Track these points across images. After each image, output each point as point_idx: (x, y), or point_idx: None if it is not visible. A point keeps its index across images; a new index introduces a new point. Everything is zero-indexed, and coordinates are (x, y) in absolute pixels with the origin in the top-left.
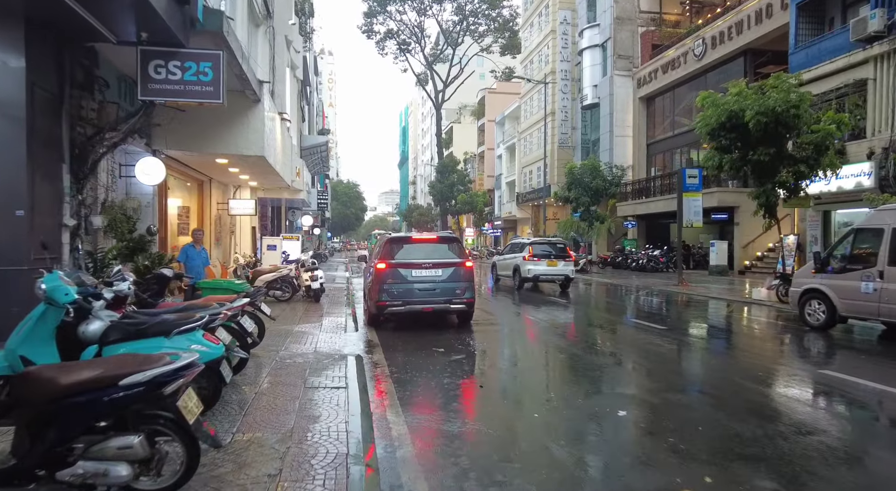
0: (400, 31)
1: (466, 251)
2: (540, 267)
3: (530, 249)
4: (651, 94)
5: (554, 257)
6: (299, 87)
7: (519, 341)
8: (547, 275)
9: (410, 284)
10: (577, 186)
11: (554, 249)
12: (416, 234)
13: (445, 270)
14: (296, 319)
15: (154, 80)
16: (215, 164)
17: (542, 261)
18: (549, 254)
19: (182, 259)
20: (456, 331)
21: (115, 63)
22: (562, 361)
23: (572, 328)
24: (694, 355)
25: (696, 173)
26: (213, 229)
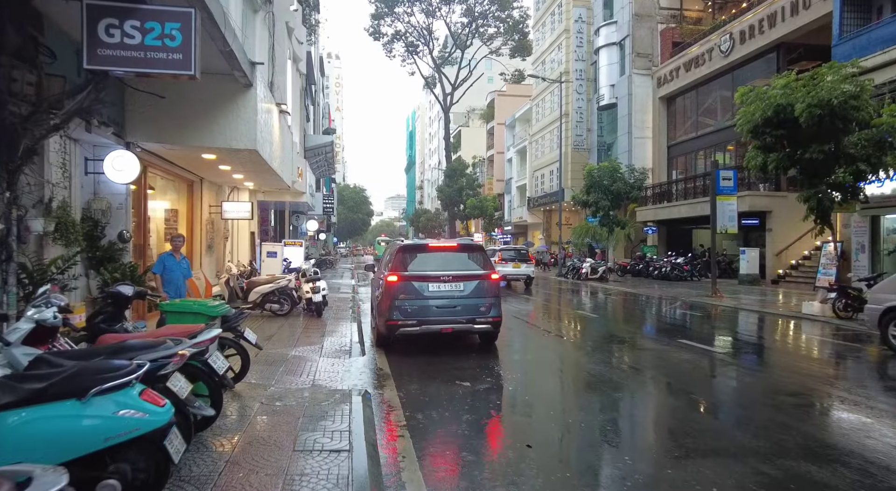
0: (408, 33)
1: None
2: (507, 269)
3: (499, 254)
4: (672, 93)
5: (518, 260)
6: (303, 84)
7: (557, 370)
8: (512, 275)
9: (427, 301)
10: (597, 189)
11: (518, 255)
12: (433, 242)
13: (468, 283)
14: (293, 339)
15: (105, 45)
16: (203, 160)
17: (509, 263)
18: (514, 258)
19: (158, 271)
20: (479, 354)
21: (70, 31)
22: (619, 401)
23: (614, 351)
24: (781, 394)
25: (731, 175)
26: (204, 235)
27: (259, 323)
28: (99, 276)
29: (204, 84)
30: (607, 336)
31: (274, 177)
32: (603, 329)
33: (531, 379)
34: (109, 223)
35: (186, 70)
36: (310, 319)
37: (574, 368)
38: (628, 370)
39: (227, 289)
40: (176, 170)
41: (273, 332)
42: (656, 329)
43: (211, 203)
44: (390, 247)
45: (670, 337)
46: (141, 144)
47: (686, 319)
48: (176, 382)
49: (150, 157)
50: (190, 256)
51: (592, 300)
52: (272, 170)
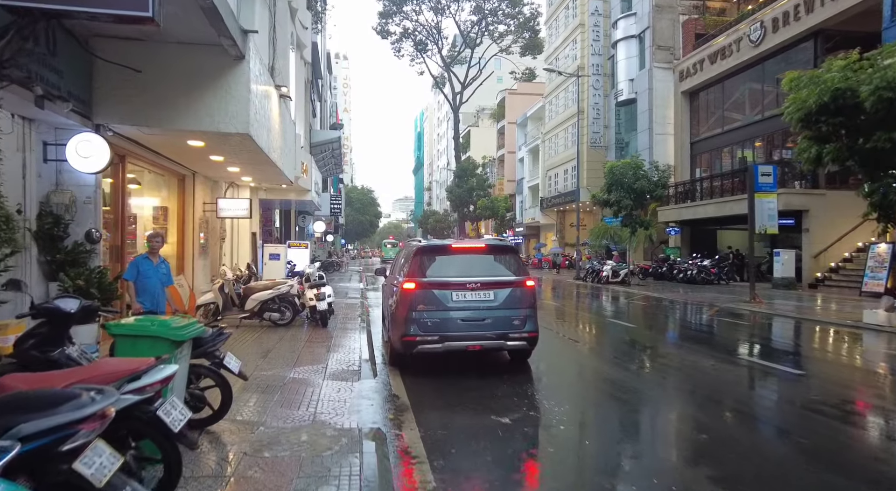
0: (416, 31)
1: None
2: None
3: None
4: (695, 87)
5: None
6: (308, 76)
7: (612, 400)
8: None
9: (450, 312)
10: (618, 188)
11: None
12: (456, 242)
13: (499, 291)
14: (293, 356)
15: None
16: (190, 149)
17: None
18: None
19: (130, 277)
20: (511, 375)
21: None
22: (706, 445)
23: (672, 374)
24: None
25: (770, 171)
26: (197, 235)
27: (256, 335)
28: (59, 283)
29: (187, 56)
30: (657, 354)
31: (274, 171)
32: (648, 343)
33: (583, 413)
34: (74, 220)
35: (142, 10)
36: (314, 329)
37: (632, 396)
38: (705, 401)
39: (220, 296)
40: (162, 161)
41: (271, 346)
42: (709, 344)
43: (205, 200)
44: (405, 248)
45: (730, 353)
46: (113, 127)
47: (736, 331)
48: (92, 460)
49: (128, 145)
50: (181, 259)
51: (621, 307)
52: (271, 162)
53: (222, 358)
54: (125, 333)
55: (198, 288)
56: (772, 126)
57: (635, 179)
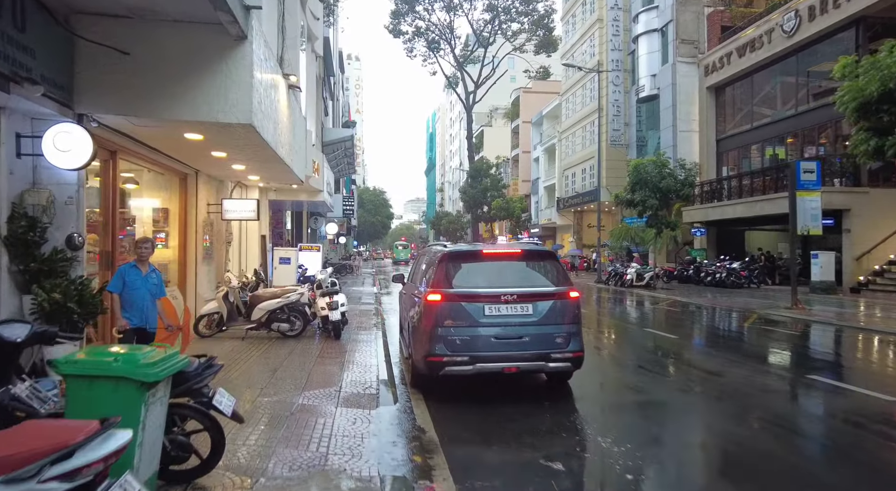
0: (429, 30)
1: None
2: None
3: None
4: (721, 82)
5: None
6: (319, 72)
7: (675, 435)
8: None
9: (483, 329)
10: (643, 187)
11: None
12: (487, 247)
13: (539, 304)
14: (302, 375)
15: None
16: (188, 143)
17: None
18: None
19: (115, 289)
20: (551, 401)
21: None
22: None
23: (735, 394)
24: None
25: (814, 167)
26: (200, 239)
27: (263, 348)
28: (31, 297)
29: (182, 36)
30: (712, 372)
31: (282, 169)
32: (697, 359)
33: (648, 455)
34: (53, 223)
35: None
36: (326, 341)
37: (700, 429)
38: (790, 434)
39: (225, 305)
40: (160, 158)
41: (278, 362)
42: (764, 359)
43: (209, 201)
44: (427, 254)
45: (791, 371)
46: (98, 118)
47: (787, 342)
48: None
49: (118, 139)
50: (183, 265)
51: (653, 314)
52: (278, 158)
53: (211, 396)
54: (77, 373)
55: (201, 296)
56: (807, 121)
57: (660, 178)
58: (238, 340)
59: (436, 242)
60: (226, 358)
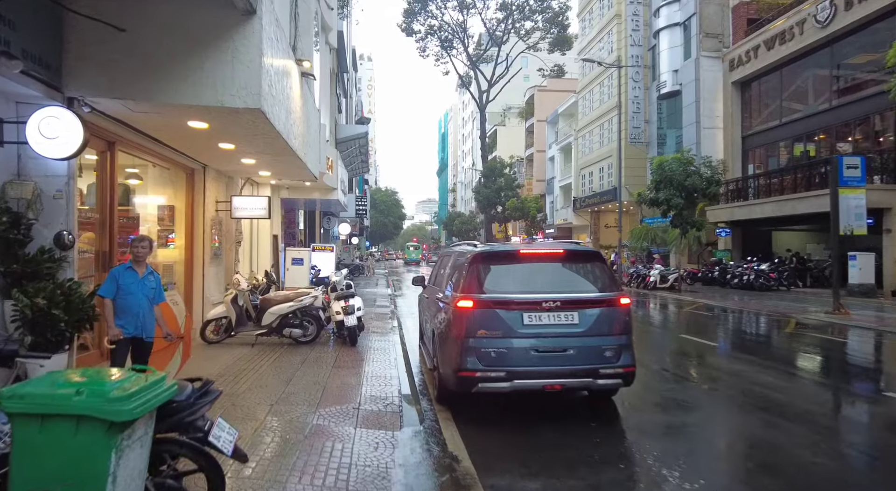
0: (441, 28)
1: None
2: None
3: None
4: (747, 77)
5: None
6: (333, 66)
7: (756, 468)
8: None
9: (521, 340)
10: (668, 185)
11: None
12: (525, 247)
13: (585, 312)
14: (317, 389)
15: None
16: (192, 133)
17: None
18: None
19: (107, 293)
20: (599, 420)
21: None
22: None
23: (817, 416)
24: None
25: (858, 163)
26: (208, 239)
27: (275, 356)
28: (13, 302)
29: (183, 10)
30: (764, 383)
31: (295, 163)
32: (743, 368)
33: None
34: (39, 220)
35: None
36: (341, 348)
37: (784, 460)
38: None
39: (234, 309)
40: (164, 151)
41: (291, 373)
42: (823, 370)
43: (218, 198)
44: (454, 255)
45: (865, 388)
46: (91, 102)
47: (843, 351)
48: None
49: (116, 128)
50: (189, 266)
51: (685, 319)
52: (290, 151)
53: (208, 430)
54: (25, 411)
55: (209, 299)
56: (842, 116)
57: (686, 176)
58: (247, 347)
59: (460, 242)
60: (234, 367)
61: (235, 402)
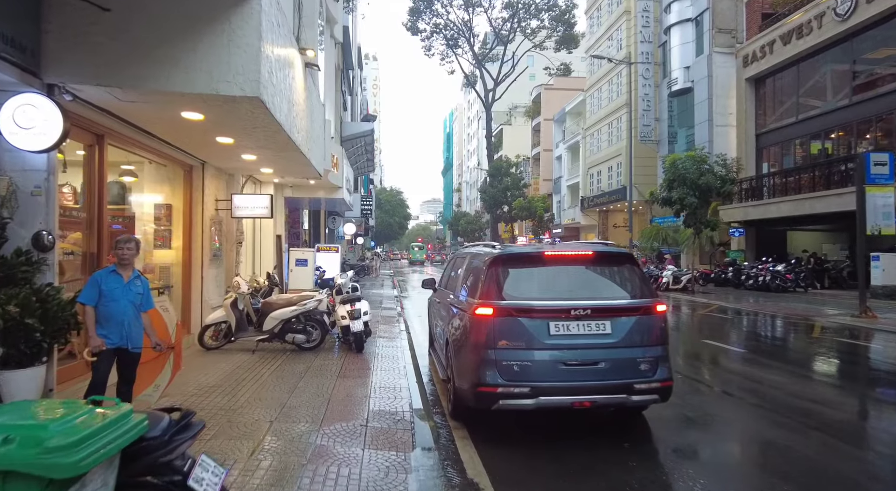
0: (447, 26)
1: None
2: None
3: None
4: (762, 73)
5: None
6: (338, 61)
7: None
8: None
9: (548, 352)
10: (681, 184)
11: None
12: (550, 249)
13: (618, 320)
14: (320, 403)
15: None
16: (186, 125)
17: None
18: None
19: (88, 299)
20: (635, 442)
21: None
22: None
23: (863, 437)
24: None
25: (886, 159)
26: (207, 239)
27: (277, 364)
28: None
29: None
30: (804, 395)
31: (298, 159)
32: (778, 378)
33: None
34: (14, 218)
35: None
36: (347, 355)
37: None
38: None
39: (234, 313)
40: (158, 146)
41: (293, 383)
42: (867, 380)
43: (218, 196)
44: (469, 256)
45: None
46: (72, 89)
47: (884, 359)
48: None
49: (104, 119)
50: (187, 268)
51: (704, 322)
52: (293, 145)
53: (188, 471)
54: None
55: (208, 303)
56: (862, 112)
57: (699, 174)
58: (248, 354)
59: (476, 243)
60: (232, 376)
61: (232, 418)
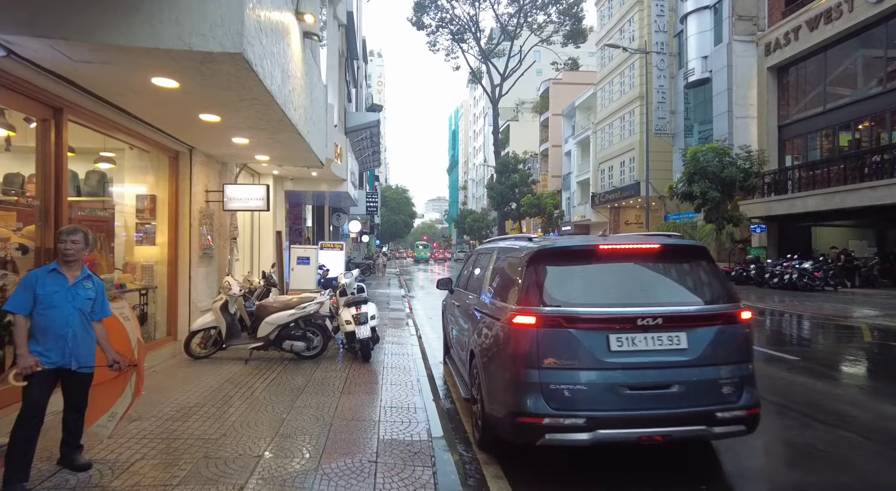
0: (453, 21)
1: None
2: None
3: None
4: (786, 61)
5: None
6: (342, 45)
7: None
8: None
9: (607, 374)
10: (703, 178)
11: None
12: (605, 242)
13: (696, 332)
14: (320, 429)
15: None
16: (160, 95)
17: None
18: None
19: (19, 308)
20: (711, 485)
21: None
22: None
23: None
24: None
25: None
26: (196, 234)
27: (271, 377)
28: None
29: None
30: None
31: (296, 143)
32: (864, 397)
33: None
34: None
35: None
36: (352, 365)
37: None
38: None
39: (224, 318)
40: (137, 127)
41: (289, 402)
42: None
43: (209, 186)
44: (492, 252)
45: None
46: (4, 41)
47: None
48: None
49: (60, 89)
50: (174, 266)
51: None
52: (289, 124)
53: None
54: None
55: (197, 305)
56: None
57: (722, 167)
58: (239, 364)
59: (505, 236)
60: (219, 393)
61: (211, 451)
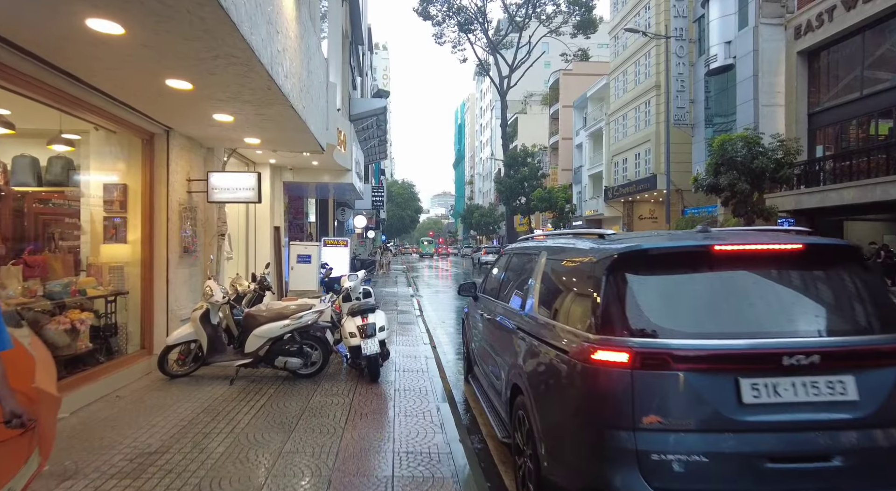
0: (460, 11)
1: None
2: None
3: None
4: (818, 44)
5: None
6: (346, 25)
7: None
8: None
9: (737, 439)
10: (731, 169)
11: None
12: (720, 241)
13: (865, 375)
14: (320, 483)
15: None
16: (104, 47)
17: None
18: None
19: None
20: None
21: None
22: None
23: None
24: None
25: None
26: (175, 230)
27: (260, 404)
28: None
29: None
30: None
31: (290, 120)
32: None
33: None
34: None
35: None
36: (357, 387)
37: None
38: None
39: (204, 330)
40: (94, 99)
41: (281, 441)
42: None
43: (191, 175)
44: (539, 253)
45: None
46: None
47: None
48: None
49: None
50: (148, 268)
51: None
52: (279, 94)
53: None
54: None
55: (176, 314)
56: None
57: (752, 158)
58: (223, 384)
59: (562, 231)
60: (192, 428)
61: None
